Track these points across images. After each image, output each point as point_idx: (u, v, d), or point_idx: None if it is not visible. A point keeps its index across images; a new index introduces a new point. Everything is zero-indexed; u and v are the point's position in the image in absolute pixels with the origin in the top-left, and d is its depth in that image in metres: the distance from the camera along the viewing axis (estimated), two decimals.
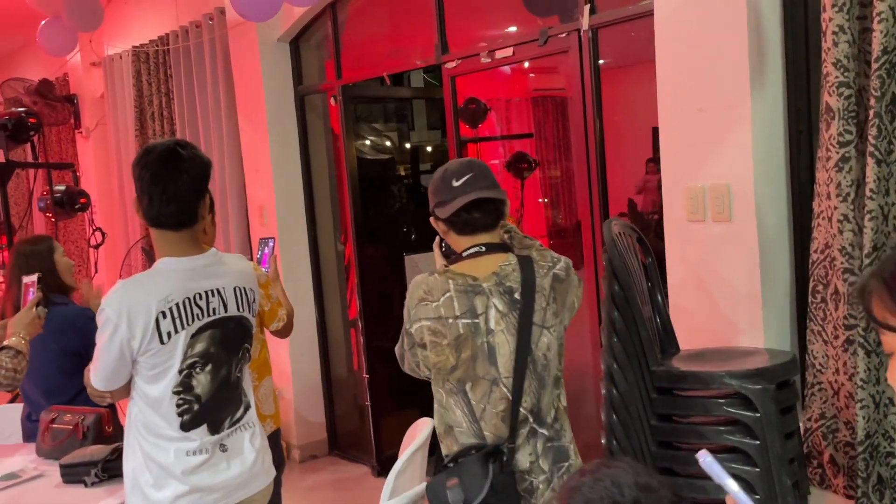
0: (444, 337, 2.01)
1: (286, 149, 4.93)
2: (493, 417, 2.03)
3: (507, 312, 2.02)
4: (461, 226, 2.07)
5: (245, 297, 2.24)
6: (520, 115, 11.06)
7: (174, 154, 2.09)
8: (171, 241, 2.14)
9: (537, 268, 2.06)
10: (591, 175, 3.34)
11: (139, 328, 2.04)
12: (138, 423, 2.14)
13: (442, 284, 2.02)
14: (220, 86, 5.18)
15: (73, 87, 7.00)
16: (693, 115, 2.80)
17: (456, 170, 2.08)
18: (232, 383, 2.22)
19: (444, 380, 2.06)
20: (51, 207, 4.69)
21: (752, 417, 2.26)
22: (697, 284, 2.86)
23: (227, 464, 2.20)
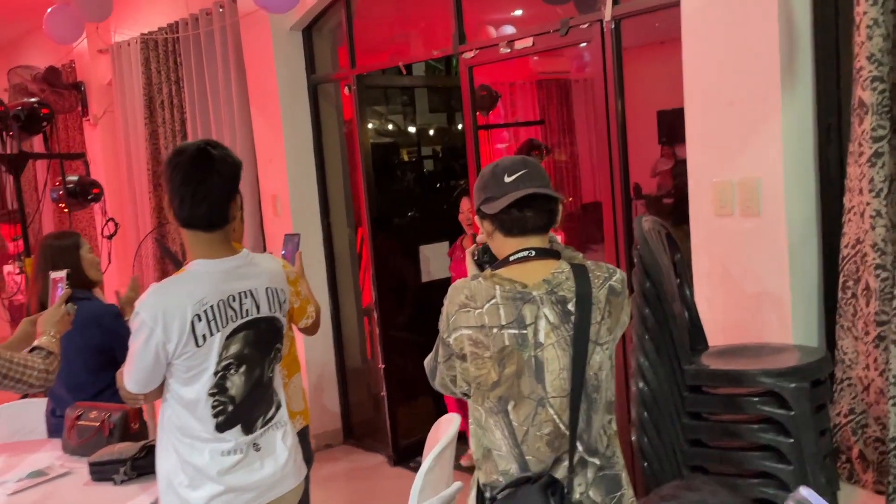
0: (487, 348, 1.84)
1: (299, 138, 4.90)
2: (537, 441, 1.83)
3: (560, 325, 1.82)
4: (510, 224, 1.89)
5: (276, 297, 2.24)
6: (524, 98, 11.01)
7: (205, 155, 2.07)
8: (202, 243, 2.12)
9: (593, 278, 1.86)
10: (613, 159, 3.31)
11: (175, 331, 2.03)
12: (172, 426, 2.14)
13: (487, 290, 1.85)
14: (232, 75, 5.14)
15: (79, 75, 6.95)
16: (722, 109, 2.78)
17: (508, 165, 1.92)
18: (265, 383, 2.22)
19: (485, 397, 1.87)
20: (64, 198, 4.67)
21: (786, 416, 2.26)
22: (724, 279, 2.85)
23: (261, 463, 2.20)
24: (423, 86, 5.43)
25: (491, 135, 8.02)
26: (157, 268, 6.06)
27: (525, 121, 10.31)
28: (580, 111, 11.98)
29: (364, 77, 4.60)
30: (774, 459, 2.29)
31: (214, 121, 5.37)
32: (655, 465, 2.44)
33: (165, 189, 2.12)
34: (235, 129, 5.20)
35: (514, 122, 9.37)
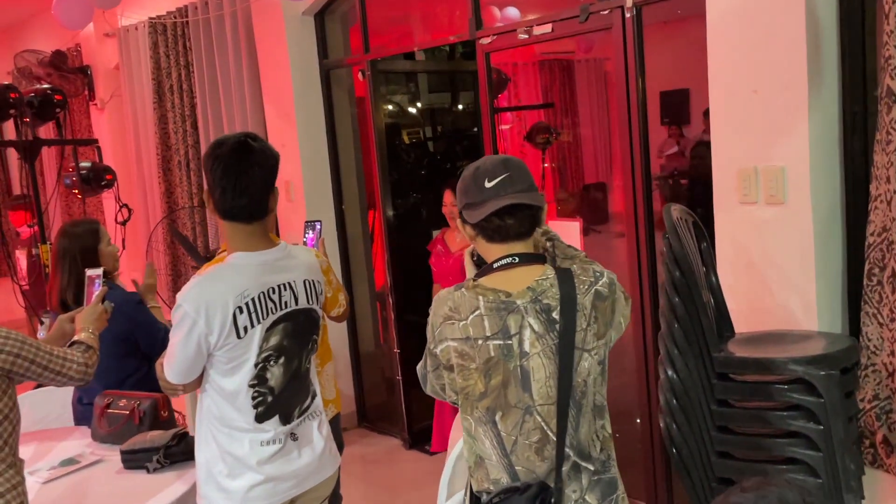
0: (473, 360, 1.80)
1: (312, 123, 4.90)
2: (526, 450, 1.80)
3: (545, 333, 1.78)
4: (491, 233, 1.84)
5: (314, 289, 2.27)
6: (527, 79, 10.97)
7: (245, 147, 2.08)
8: (242, 235, 2.14)
9: (578, 283, 1.81)
10: (634, 144, 3.32)
11: (217, 323, 2.05)
12: (212, 416, 2.16)
13: (470, 301, 1.81)
14: (243, 60, 5.13)
15: (85, 59, 6.92)
16: (747, 97, 2.78)
17: (489, 169, 1.84)
18: (302, 374, 2.25)
19: (473, 407, 1.84)
20: (77, 184, 4.66)
21: (816, 403, 2.28)
22: (747, 266, 2.87)
23: (299, 452, 2.23)
24: (436, 70, 5.42)
25: (498, 117, 8.01)
26: (168, 253, 6.07)
27: (528, 102, 10.29)
28: (584, 92, 11.97)
29: (378, 62, 4.59)
30: (803, 446, 2.32)
31: (225, 106, 5.36)
32: (684, 452, 2.47)
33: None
34: (247, 115, 5.20)
35: (518, 104, 9.35)
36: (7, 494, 2.03)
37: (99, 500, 2.48)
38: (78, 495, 2.51)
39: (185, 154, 5.83)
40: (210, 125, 5.51)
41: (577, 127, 11.24)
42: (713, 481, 2.48)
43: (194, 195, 5.78)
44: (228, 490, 2.15)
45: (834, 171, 2.75)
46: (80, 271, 2.98)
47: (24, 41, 7.51)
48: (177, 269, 6.12)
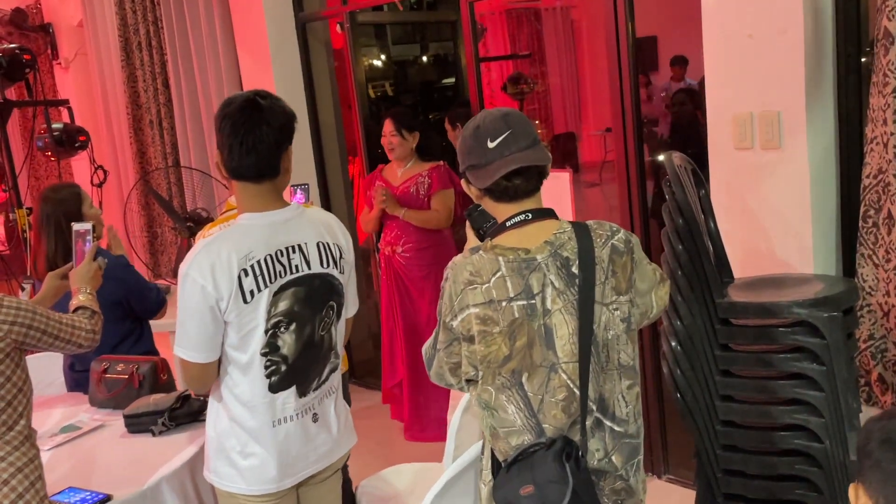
0: (497, 324, 1.76)
1: (289, 78, 4.80)
2: (553, 408, 1.78)
3: (565, 289, 1.76)
4: (499, 194, 1.82)
5: (329, 252, 2.14)
6: (494, 30, 10.86)
7: (254, 104, 2.00)
8: (251, 195, 2.06)
9: (595, 237, 1.80)
10: (624, 88, 3.30)
11: (224, 286, 1.97)
12: (227, 391, 2.08)
13: (490, 263, 1.78)
14: (215, 14, 4.99)
15: (46, 16, 6.70)
16: (741, 42, 2.78)
17: (490, 127, 1.80)
18: (316, 343, 2.13)
19: (495, 374, 1.80)
20: (50, 146, 4.54)
21: (819, 344, 2.32)
22: (743, 212, 2.89)
23: (317, 431, 2.16)
24: (416, 21, 5.33)
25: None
26: (144, 214, 5.97)
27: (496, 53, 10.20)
28: (552, 41, 11.89)
29: (357, 14, 4.50)
30: (806, 386, 2.36)
31: (198, 62, 5.23)
32: (688, 397, 2.51)
33: (217, 140, 2.06)
34: (221, 71, 5.08)
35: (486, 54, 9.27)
36: (25, 469, 1.99)
37: (110, 464, 2.46)
38: (88, 461, 2.48)
39: (157, 113, 5.70)
40: (182, 82, 5.39)
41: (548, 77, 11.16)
42: (717, 424, 2.52)
43: (168, 155, 5.66)
44: (240, 467, 2.09)
45: (828, 114, 2.76)
46: (67, 236, 2.92)
47: None
48: (153, 231, 6.02)
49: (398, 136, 4.02)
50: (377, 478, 2.99)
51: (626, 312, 1.81)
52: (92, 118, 6.37)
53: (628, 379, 1.84)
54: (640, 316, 1.87)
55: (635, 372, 1.85)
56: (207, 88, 5.22)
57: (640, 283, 1.85)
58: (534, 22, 11.33)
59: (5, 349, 1.99)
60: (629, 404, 1.84)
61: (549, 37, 11.56)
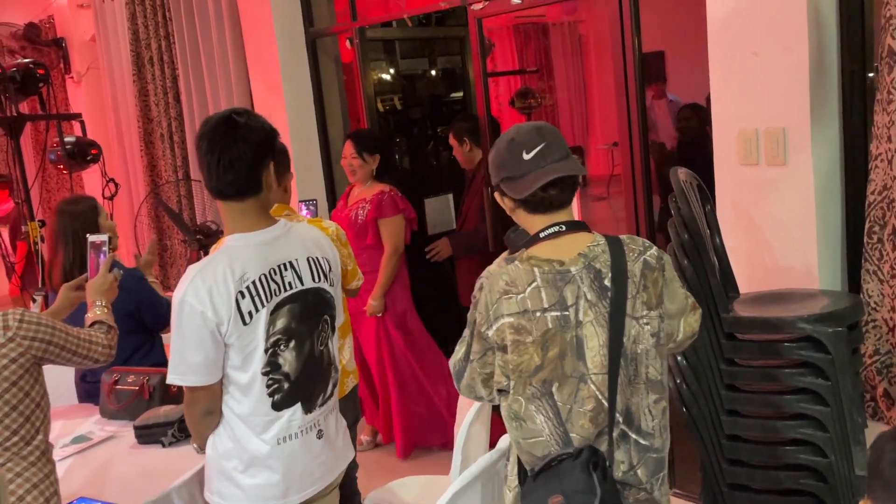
0: (529, 333, 1.79)
1: (300, 94, 4.85)
2: (581, 418, 1.81)
3: (597, 301, 1.79)
4: (535, 205, 1.85)
5: (319, 266, 2.15)
6: (502, 45, 10.91)
7: (229, 122, 2.01)
8: (237, 214, 2.05)
9: (628, 251, 1.83)
10: (631, 104, 3.32)
11: (223, 310, 1.96)
12: (227, 410, 2.08)
13: (526, 274, 1.80)
14: (226, 29, 5.05)
15: (59, 31, 6.79)
16: (746, 58, 2.80)
17: (525, 140, 1.83)
18: (317, 357, 2.14)
19: (526, 384, 1.82)
20: (62, 159, 4.59)
21: (825, 359, 2.34)
22: (749, 227, 2.91)
23: (321, 448, 2.16)
24: (426, 37, 5.37)
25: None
26: (154, 227, 6.02)
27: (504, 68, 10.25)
28: (559, 56, 11.93)
29: (366, 30, 4.55)
30: (812, 401, 2.38)
31: (208, 77, 5.29)
32: (694, 410, 2.52)
33: (197, 161, 2.06)
34: (231, 85, 5.14)
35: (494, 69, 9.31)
36: (41, 485, 2.00)
37: (121, 475, 2.48)
38: (98, 472, 2.51)
39: (168, 126, 5.76)
40: (193, 97, 5.44)
41: (555, 91, 11.20)
42: (723, 438, 2.53)
43: (178, 168, 5.72)
44: (244, 486, 2.08)
45: (833, 131, 2.78)
46: (84, 248, 2.97)
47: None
48: (163, 243, 6.07)
49: (359, 158, 3.97)
50: (384, 490, 3.01)
51: (657, 327, 1.84)
52: (103, 131, 6.44)
53: (655, 393, 1.85)
54: (666, 337, 1.88)
55: (663, 387, 1.87)
56: (218, 102, 5.27)
57: (668, 304, 1.86)
58: (542, 37, 11.37)
59: (24, 364, 2.01)
60: (655, 418, 1.85)
61: (556, 52, 11.59)
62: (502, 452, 2.24)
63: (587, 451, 1.78)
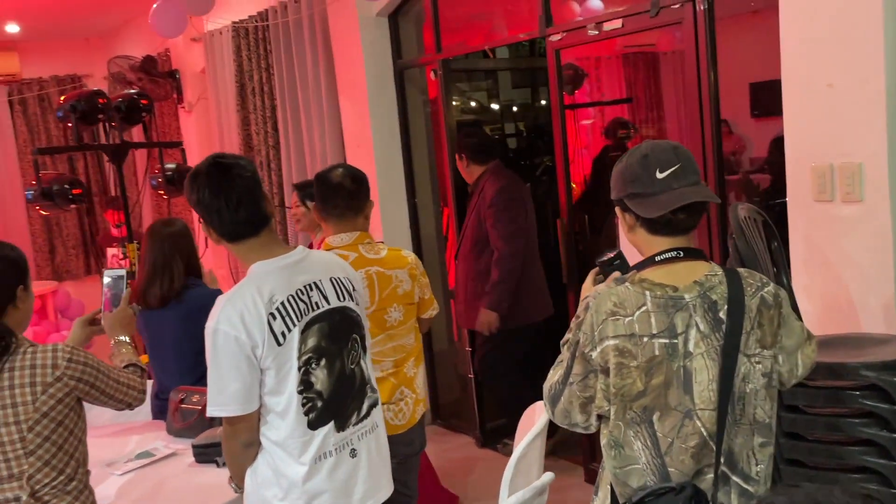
0: (634, 358, 1.73)
1: (386, 122, 4.95)
2: (682, 453, 1.74)
3: (710, 333, 1.73)
4: (659, 227, 1.78)
5: (343, 286, 2.20)
6: (609, 73, 10.77)
7: (219, 165, 2.08)
8: (254, 248, 2.11)
9: (745, 285, 1.76)
10: (706, 140, 3.24)
11: (257, 333, 2.01)
12: (265, 439, 2.12)
13: (636, 297, 1.75)
14: (320, 61, 5.22)
15: (174, 63, 7.17)
16: (821, 91, 2.68)
17: (660, 158, 1.77)
18: (348, 376, 2.18)
19: (626, 408, 1.77)
20: (163, 185, 4.84)
21: (890, 410, 2.19)
22: (823, 267, 2.76)
23: (354, 467, 2.18)
24: (508, 68, 5.41)
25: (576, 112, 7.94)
26: None
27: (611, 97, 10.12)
28: (669, 85, 11.69)
29: (450, 61, 4.61)
30: (876, 454, 2.23)
31: (303, 107, 5.47)
32: None
33: (199, 214, 2.10)
34: (324, 115, 5.29)
35: (600, 99, 9.22)
36: None
37: (176, 492, 2.57)
38: (156, 488, 2.61)
39: (267, 154, 5.98)
40: (289, 126, 5.64)
41: (660, 122, 10.97)
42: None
43: (274, 195, 5.92)
44: None
45: None
46: (181, 268, 3.17)
47: (118, 48, 7.83)
48: None
49: (302, 206, 3.89)
50: None
51: (769, 367, 1.78)
52: None
53: (762, 436, 1.79)
54: (787, 374, 1.83)
55: (770, 431, 1.80)
56: (311, 132, 5.44)
57: (786, 340, 1.81)
58: (650, 66, 11.19)
59: (70, 403, 2.09)
60: (760, 463, 1.79)
61: (667, 81, 11.39)
62: (538, 490, 2.21)
63: (690, 488, 1.73)
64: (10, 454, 2.01)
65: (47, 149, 4.94)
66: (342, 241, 2.83)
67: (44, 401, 2.03)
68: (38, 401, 2.02)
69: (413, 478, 3.08)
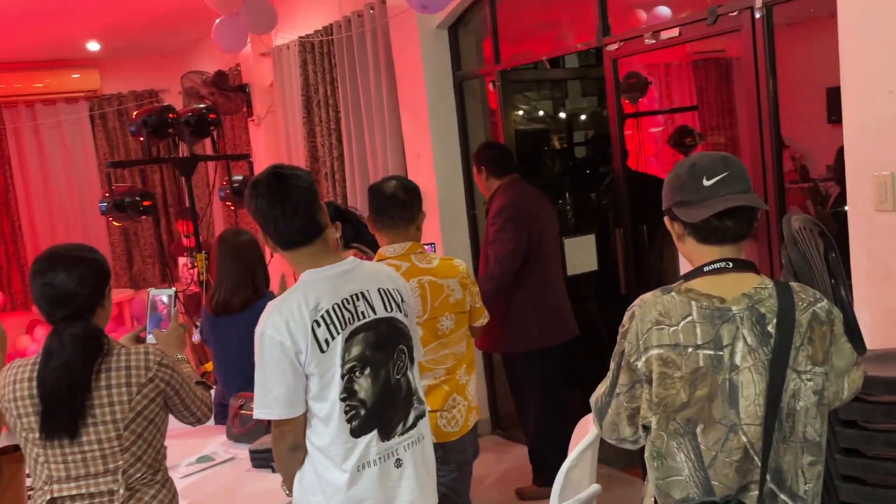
0: (679, 368, 1.72)
1: (446, 134, 5.00)
2: (726, 467, 1.72)
3: (758, 347, 1.70)
4: (707, 234, 1.77)
5: (391, 297, 2.23)
6: (679, 80, 10.59)
7: (278, 175, 2.14)
8: (307, 257, 2.16)
9: (797, 300, 1.73)
10: (765, 151, 3.18)
11: (301, 339, 2.06)
12: (310, 445, 2.16)
13: (682, 306, 1.74)
14: (382, 74, 5.30)
15: (244, 77, 7.37)
16: (882, 98, 2.61)
17: (707, 166, 1.76)
18: (393, 386, 2.20)
19: (670, 419, 1.75)
20: (230, 196, 4.98)
21: None
22: (885, 278, 2.68)
23: (399, 477, 2.20)
24: (566, 78, 5.41)
25: (641, 121, 7.86)
26: None
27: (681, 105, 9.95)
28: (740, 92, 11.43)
29: (508, 72, 4.63)
30: None
31: (366, 119, 5.56)
32: None
33: (257, 222, 2.16)
34: (385, 127, 5.37)
35: (666, 107, 9.09)
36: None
37: (230, 495, 2.65)
38: (213, 491, 2.70)
39: (331, 166, 6.10)
40: (353, 138, 5.74)
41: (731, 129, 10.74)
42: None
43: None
44: None
45: None
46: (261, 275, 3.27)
47: (192, 63, 8.10)
48: None
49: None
50: None
51: (821, 384, 1.74)
52: None
53: (811, 455, 1.75)
54: (832, 395, 1.80)
55: (820, 449, 1.77)
56: (374, 143, 5.53)
57: (836, 360, 1.78)
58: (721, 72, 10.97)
59: (160, 403, 2.19)
60: (809, 482, 1.75)
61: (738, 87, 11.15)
62: (583, 502, 2.20)
63: (735, 503, 1.71)
64: (108, 450, 2.12)
65: (119, 162, 5.14)
66: (395, 251, 2.88)
67: (138, 400, 2.13)
68: (133, 400, 2.13)
69: (466, 486, 3.10)
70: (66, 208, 8.53)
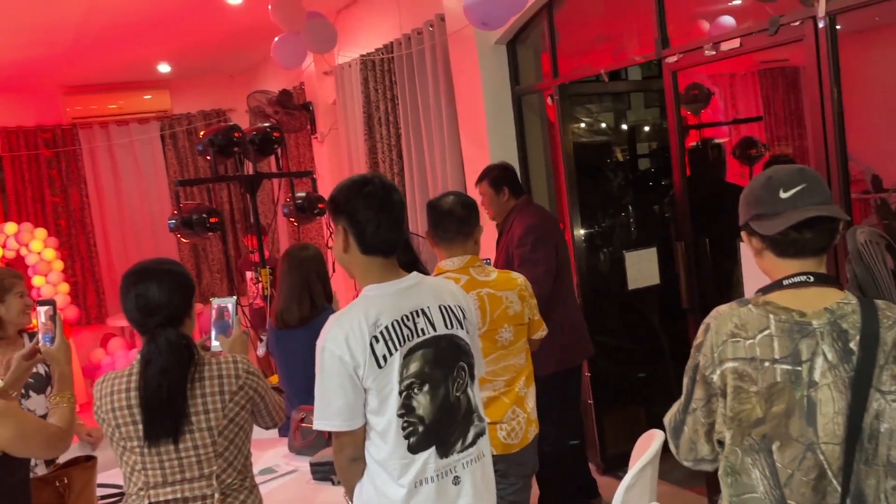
0: (754, 383, 1.68)
1: (505, 149, 5.01)
2: (803, 486, 1.68)
3: (838, 364, 1.65)
4: (785, 246, 1.73)
5: (452, 314, 2.23)
6: (745, 90, 10.37)
7: (391, 185, 2.19)
8: (377, 268, 2.18)
9: (882, 317, 1.67)
10: (831, 163, 3.12)
11: (360, 354, 2.07)
12: (369, 458, 2.17)
13: (759, 319, 1.70)
14: (441, 90, 5.36)
15: (308, 96, 7.52)
16: None
17: (784, 178, 1.73)
18: (453, 403, 2.19)
19: (745, 434, 1.71)
20: (293, 213, 5.07)
21: None
22: None
23: (456, 494, 2.19)
24: (627, 91, 5.38)
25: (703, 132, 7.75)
26: None
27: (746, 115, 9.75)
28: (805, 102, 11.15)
29: (567, 86, 4.63)
30: None
31: (426, 135, 5.62)
32: None
33: (348, 220, 2.15)
34: (444, 142, 5.41)
35: (735, 117, 8.92)
36: None
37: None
38: (278, 502, 2.74)
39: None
40: (413, 154, 5.80)
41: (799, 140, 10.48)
42: None
43: None
44: None
45: None
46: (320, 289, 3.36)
47: (257, 83, 8.30)
48: None
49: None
50: None
51: None
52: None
53: (895, 479, 1.69)
54: None
55: None
56: (434, 159, 5.58)
57: None
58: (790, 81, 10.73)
59: (249, 409, 2.27)
60: None
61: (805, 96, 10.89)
62: None
63: None
64: (203, 456, 2.19)
65: (187, 181, 5.27)
66: (453, 264, 2.91)
67: (230, 408, 2.21)
68: (226, 408, 2.20)
69: (525, 499, 3.09)
70: (138, 226, 8.82)
